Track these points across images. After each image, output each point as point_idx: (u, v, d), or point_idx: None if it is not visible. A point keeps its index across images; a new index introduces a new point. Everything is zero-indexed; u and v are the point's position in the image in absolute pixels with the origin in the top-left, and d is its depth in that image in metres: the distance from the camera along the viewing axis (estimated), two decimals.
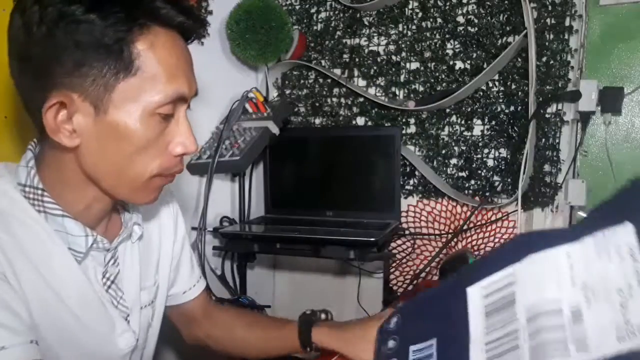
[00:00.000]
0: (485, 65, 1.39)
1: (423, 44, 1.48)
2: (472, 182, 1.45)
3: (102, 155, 0.63)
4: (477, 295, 0.43)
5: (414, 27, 1.49)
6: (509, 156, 1.41)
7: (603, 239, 0.35)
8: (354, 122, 1.58)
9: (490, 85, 1.42)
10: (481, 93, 1.43)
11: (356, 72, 1.58)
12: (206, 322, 0.95)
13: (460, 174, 1.47)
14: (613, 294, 0.32)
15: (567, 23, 1.32)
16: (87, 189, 0.66)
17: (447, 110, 1.46)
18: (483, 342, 0.39)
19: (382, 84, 1.54)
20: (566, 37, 1.33)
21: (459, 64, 1.45)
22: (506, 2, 1.38)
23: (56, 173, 0.66)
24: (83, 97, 0.60)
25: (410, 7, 1.49)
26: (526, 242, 0.41)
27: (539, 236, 0.41)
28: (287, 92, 1.66)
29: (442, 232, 1.49)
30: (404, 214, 1.51)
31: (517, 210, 1.33)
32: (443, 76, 1.46)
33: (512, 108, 1.40)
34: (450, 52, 1.45)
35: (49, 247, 0.64)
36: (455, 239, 1.48)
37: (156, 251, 0.83)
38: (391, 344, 0.52)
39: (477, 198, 1.44)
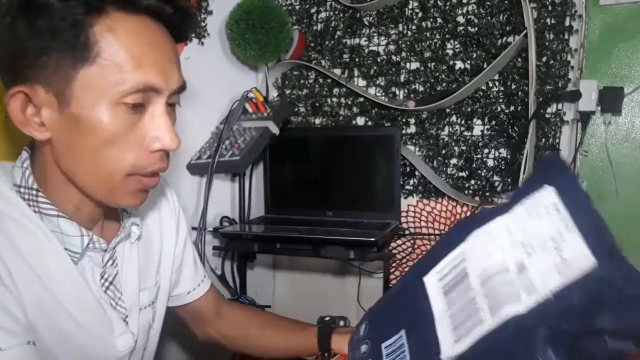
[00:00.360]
0: (485, 65, 1.39)
1: (423, 44, 1.48)
2: (472, 182, 1.45)
3: (71, 150, 0.60)
4: (433, 280, 0.47)
5: (414, 27, 1.49)
6: (509, 156, 1.41)
7: (531, 203, 0.42)
8: (354, 122, 1.58)
9: (490, 85, 1.42)
10: (481, 93, 1.43)
11: (356, 72, 1.58)
12: (218, 321, 0.95)
13: (460, 174, 1.47)
14: (548, 242, 0.39)
15: (567, 23, 1.32)
16: (70, 189, 0.65)
17: (447, 110, 1.46)
18: (446, 315, 0.43)
19: (382, 84, 1.54)
20: (566, 37, 1.33)
21: (459, 64, 1.45)
22: (506, 2, 1.38)
23: (44, 172, 0.65)
24: (46, 88, 0.58)
25: (410, 7, 1.49)
26: (467, 224, 0.47)
27: (477, 216, 0.47)
28: (287, 92, 1.66)
29: (442, 232, 1.49)
30: (404, 214, 1.51)
31: None
32: (443, 76, 1.47)
33: (512, 108, 1.40)
34: (450, 52, 1.46)
35: (45, 247, 0.63)
36: None
37: (157, 251, 0.82)
38: (364, 348, 0.53)
39: (477, 198, 1.44)
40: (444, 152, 1.47)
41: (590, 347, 0.35)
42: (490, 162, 1.43)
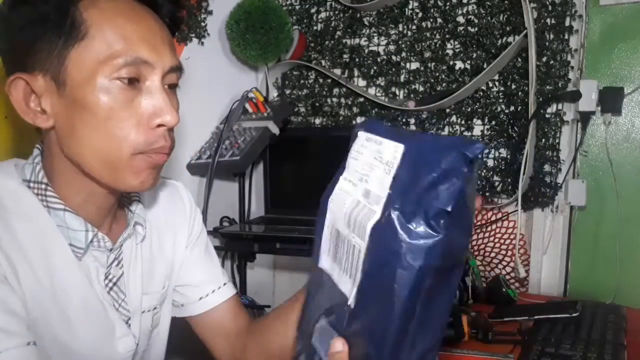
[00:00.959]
0: (485, 65, 1.39)
1: (423, 44, 1.48)
2: None
3: (73, 133, 0.61)
4: (324, 259, 0.53)
5: (414, 27, 1.49)
6: (509, 156, 1.41)
7: (353, 151, 0.52)
8: (354, 122, 1.58)
9: (490, 85, 1.42)
10: (481, 93, 1.43)
11: (356, 72, 1.58)
12: (246, 339, 0.82)
13: None
14: (373, 162, 0.47)
15: (567, 23, 1.32)
16: (78, 180, 0.65)
17: (447, 110, 1.46)
18: (341, 273, 0.49)
19: (382, 84, 1.54)
20: (566, 37, 1.33)
21: (459, 64, 1.45)
22: (506, 2, 1.38)
23: (52, 166, 0.65)
24: (43, 73, 0.59)
25: (410, 7, 1.49)
26: (323, 201, 0.54)
27: (326, 190, 0.54)
28: (287, 92, 1.66)
29: None
30: None
31: (517, 211, 1.33)
32: (443, 76, 1.47)
33: (512, 108, 1.40)
34: (450, 52, 1.46)
35: (51, 242, 0.63)
36: None
37: (170, 256, 0.80)
38: (298, 347, 0.56)
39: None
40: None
41: (429, 203, 0.41)
42: (490, 162, 1.43)
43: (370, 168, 0.47)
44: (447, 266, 0.42)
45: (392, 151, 0.45)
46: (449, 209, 0.40)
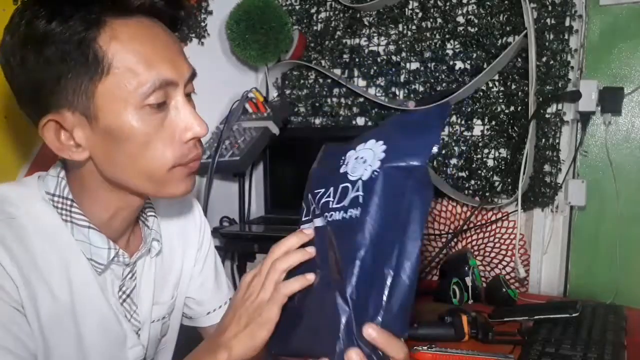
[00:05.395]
0: (485, 65, 1.39)
1: (423, 44, 1.48)
2: (472, 182, 1.45)
3: (111, 161, 0.63)
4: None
5: (414, 27, 1.49)
6: (509, 156, 1.41)
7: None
8: (354, 122, 1.58)
9: (490, 85, 1.42)
10: (481, 93, 1.43)
11: (356, 72, 1.58)
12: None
13: (460, 174, 1.47)
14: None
15: (567, 23, 1.32)
16: (111, 197, 0.66)
17: None
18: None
19: (382, 84, 1.54)
20: (566, 37, 1.33)
21: (459, 64, 1.45)
22: (506, 2, 1.38)
23: (80, 186, 0.66)
24: (72, 110, 0.60)
25: (410, 7, 1.49)
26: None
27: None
28: (287, 92, 1.66)
29: (442, 232, 1.49)
30: None
31: (517, 210, 1.33)
32: (443, 76, 1.47)
33: (512, 108, 1.40)
34: (450, 52, 1.46)
35: (70, 258, 0.65)
36: (455, 239, 1.48)
37: (179, 266, 0.81)
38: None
39: (477, 198, 1.44)
40: (443, 152, 1.47)
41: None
42: (490, 162, 1.43)
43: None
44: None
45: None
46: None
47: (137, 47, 0.60)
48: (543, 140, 1.36)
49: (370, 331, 0.51)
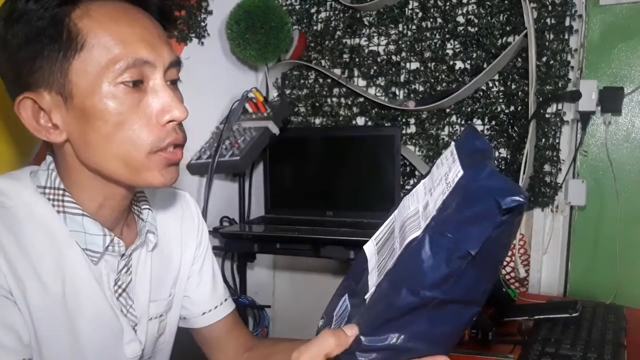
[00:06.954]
0: (485, 65, 1.39)
1: (423, 44, 1.48)
2: None
3: (87, 143, 0.62)
4: (370, 245, 0.54)
5: (414, 27, 1.49)
6: (509, 156, 1.41)
7: (439, 161, 0.53)
8: (354, 122, 1.58)
9: (490, 85, 1.42)
10: (481, 93, 1.43)
11: (356, 72, 1.58)
12: (243, 356, 0.86)
13: None
14: (442, 178, 0.48)
15: (567, 23, 1.32)
16: (95, 185, 0.66)
17: (447, 110, 1.46)
18: (375, 267, 0.50)
19: (382, 84, 1.54)
20: (566, 37, 1.33)
21: (459, 64, 1.45)
22: (506, 2, 1.38)
23: (67, 173, 0.66)
24: (48, 89, 0.60)
25: (410, 7, 1.49)
26: (401, 198, 0.56)
27: (408, 190, 0.57)
28: (287, 92, 1.66)
29: None
30: None
31: None
32: (443, 76, 1.47)
33: (512, 108, 1.40)
34: (450, 52, 1.46)
35: (64, 249, 0.64)
36: None
37: (177, 264, 0.81)
38: (320, 322, 0.58)
39: None
40: (444, 152, 1.47)
41: (463, 244, 0.41)
42: None
43: (439, 183, 0.48)
44: (456, 301, 0.43)
45: (454, 174, 0.46)
46: (473, 252, 0.40)
47: (113, 26, 0.60)
48: (543, 140, 1.36)
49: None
